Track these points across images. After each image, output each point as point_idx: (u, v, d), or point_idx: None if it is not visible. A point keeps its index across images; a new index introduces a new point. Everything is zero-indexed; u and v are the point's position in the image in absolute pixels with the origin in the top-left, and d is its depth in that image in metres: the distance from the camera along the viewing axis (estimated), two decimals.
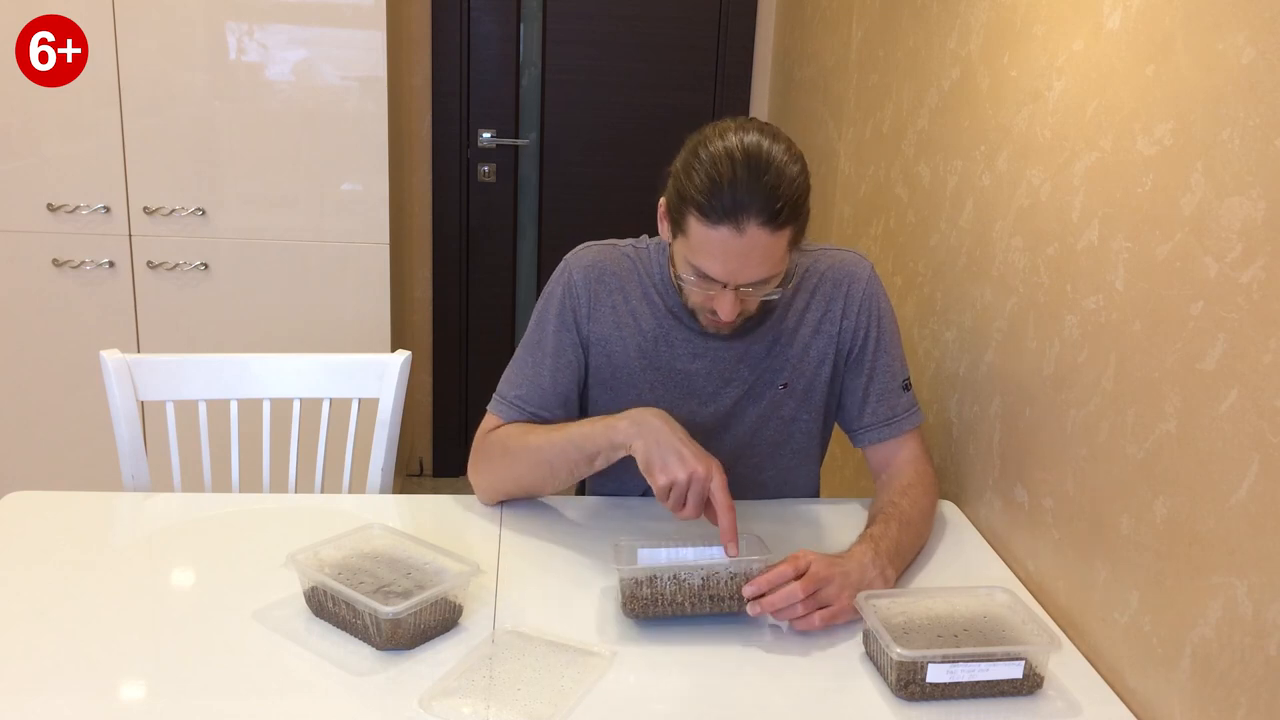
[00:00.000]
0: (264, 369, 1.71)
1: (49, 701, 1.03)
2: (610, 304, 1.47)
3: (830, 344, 1.48)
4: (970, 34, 1.65)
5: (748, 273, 1.27)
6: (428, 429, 3.40)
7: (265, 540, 1.39)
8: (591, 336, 1.47)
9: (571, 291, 1.46)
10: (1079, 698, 1.12)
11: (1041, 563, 1.36)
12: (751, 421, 1.50)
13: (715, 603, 1.19)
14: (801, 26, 2.85)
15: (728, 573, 1.19)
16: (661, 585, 1.18)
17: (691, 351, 1.47)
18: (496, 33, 3.13)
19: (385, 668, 1.10)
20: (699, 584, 1.19)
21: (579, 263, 1.48)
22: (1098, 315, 1.23)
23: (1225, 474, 0.99)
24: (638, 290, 1.47)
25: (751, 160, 1.23)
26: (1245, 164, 0.97)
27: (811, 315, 1.48)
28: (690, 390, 1.48)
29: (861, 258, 1.51)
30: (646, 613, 1.19)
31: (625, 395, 1.48)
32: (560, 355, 1.47)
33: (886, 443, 1.49)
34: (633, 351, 1.47)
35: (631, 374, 1.47)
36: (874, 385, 1.48)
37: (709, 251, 1.26)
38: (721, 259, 1.26)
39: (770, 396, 1.49)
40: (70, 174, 2.52)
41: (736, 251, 1.24)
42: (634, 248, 1.51)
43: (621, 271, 1.48)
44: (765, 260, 1.26)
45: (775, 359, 1.48)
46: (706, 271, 1.28)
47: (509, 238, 3.30)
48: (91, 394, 2.46)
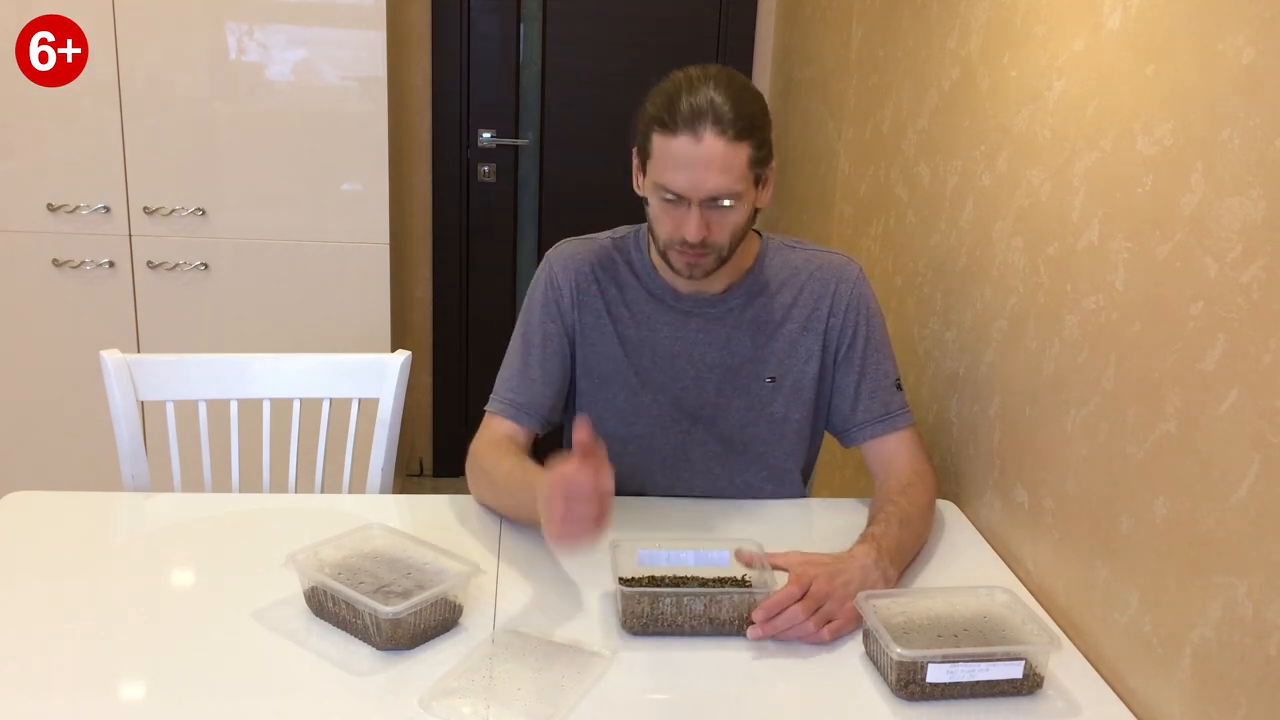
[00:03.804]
0: (264, 369, 1.71)
1: (49, 701, 1.03)
2: (591, 294, 1.49)
3: (817, 340, 1.49)
4: (970, 34, 1.65)
5: (709, 182, 1.30)
6: (428, 429, 3.40)
7: (265, 540, 1.39)
8: (576, 326, 1.49)
9: (553, 284, 1.49)
10: (1079, 698, 1.12)
11: (1041, 563, 1.36)
12: (738, 415, 1.50)
13: (716, 625, 1.18)
14: (801, 26, 2.85)
15: (730, 600, 1.17)
16: (663, 606, 1.17)
17: (673, 335, 1.48)
18: (496, 33, 3.13)
19: (385, 668, 1.10)
20: (700, 609, 1.17)
21: (559, 256, 1.51)
22: (1098, 315, 1.23)
23: (1225, 474, 0.99)
24: (617, 278, 1.50)
25: (708, 76, 1.32)
26: (1245, 164, 0.97)
27: (799, 311, 1.49)
28: (673, 374, 1.49)
29: (850, 260, 1.53)
30: (645, 630, 1.18)
31: (610, 385, 1.50)
32: (547, 345, 1.48)
33: (884, 441, 1.49)
34: (614, 340, 1.49)
35: (615, 363, 1.49)
36: (865, 382, 1.49)
37: (670, 163, 1.31)
38: (684, 168, 1.30)
39: (756, 391, 1.49)
40: (70, 174, 2.52)
41: (697, 160, 1.29)
42: (611, 238, 1.53)
43: (601, 261, 1.50)
44: (725, 171, 1.30)
45: (759, 349, 1.48)
46: (670, 186, 1.31)
47: (509, 238, 3.30)
48: (91, 394, 2.46)
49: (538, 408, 1.48)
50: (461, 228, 3.24)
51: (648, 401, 1.50)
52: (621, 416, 1.51)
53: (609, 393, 1.50)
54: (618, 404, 1.51)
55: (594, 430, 1.46)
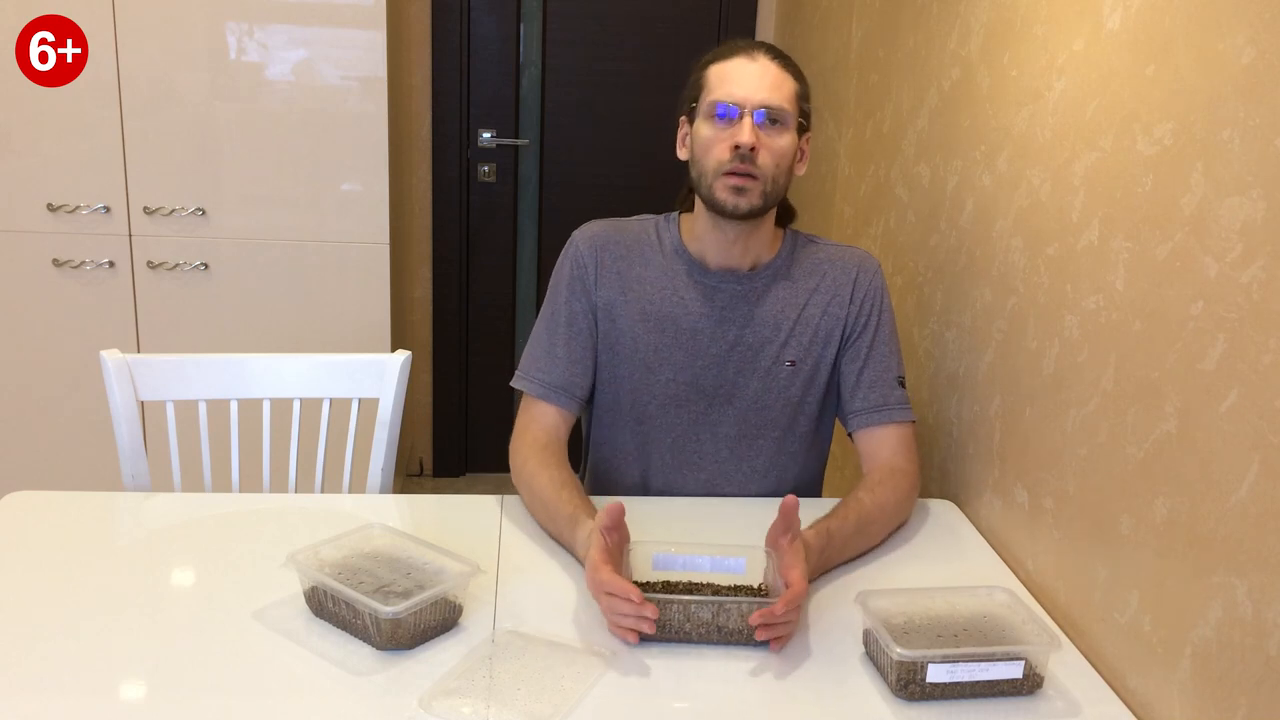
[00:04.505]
0: (264, 369, 1.71)
1: (49, 701, 1.03)
2: (616, 270, 1.52)
3: (837, 326, 1.52)
4: (970, 34, 1.65)
5: (763, 93, 1.39)
6: (428, 429, 3.40)
7: (265, 540, 1.39)
8: (599, 302, 1.51)
9: (579, 261, 1.52)
10: (1079, 698, 1.12)
11: (1041, 563, 1.36)
12: (754, 395, 1.51)
13: (724, 634, 1.17)
14: (801, 26, 2.85)
15: (739, 610, 1.16)
16: (670, 613, 1.16)
17: (700, 310, 1.50)
18: (496, 33, 3.13)
19: (385, 668, 1.10)
20: (709, 617, 1.16)
21: (584, 235, 1.55)
22: (1098, 315, 1.23)
23: (1225, 474, 0.99)
24: (644, 254, 1.53)
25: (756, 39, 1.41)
26: (1245, 164, 0.97)
27: (820, 297, 1.52)
28: (694, 351, 1.51)
29: (870, 255, 1.57)
30: (651, 636, 1.16)
31: (629, 361, 1.52)
32: (573, 324, 1.51)
33: (873, 432, 1.50)
34: (636, 315, 1.51)
35: (636, 339, 1.51)
36: (867, 372, 1.51)
37: (727, 79, 1.41)
38: (739, 81, 1.40)
39: (775, 373, 1.51)
40: (70, 174, 2.52)
41: (752, 73, 1.40)
42: (639, 220, 1.57)
43: (627, 240, 1.54)
44: (777, 88, 1.41)
45: (781, 332, 1.51)
46: (726, 99, 1.40)
47: (509, 238, 3.30)
48: (91, 394, 2.47)
49: (571, 387, 1.51)
50: (461, 228, 3.24)
51: (665, 379, 1.52)
52: (636, 393, 1.53)
53: (627, 368, 1.52)
54: (634, 380, 1.52)
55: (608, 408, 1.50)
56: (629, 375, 1.52)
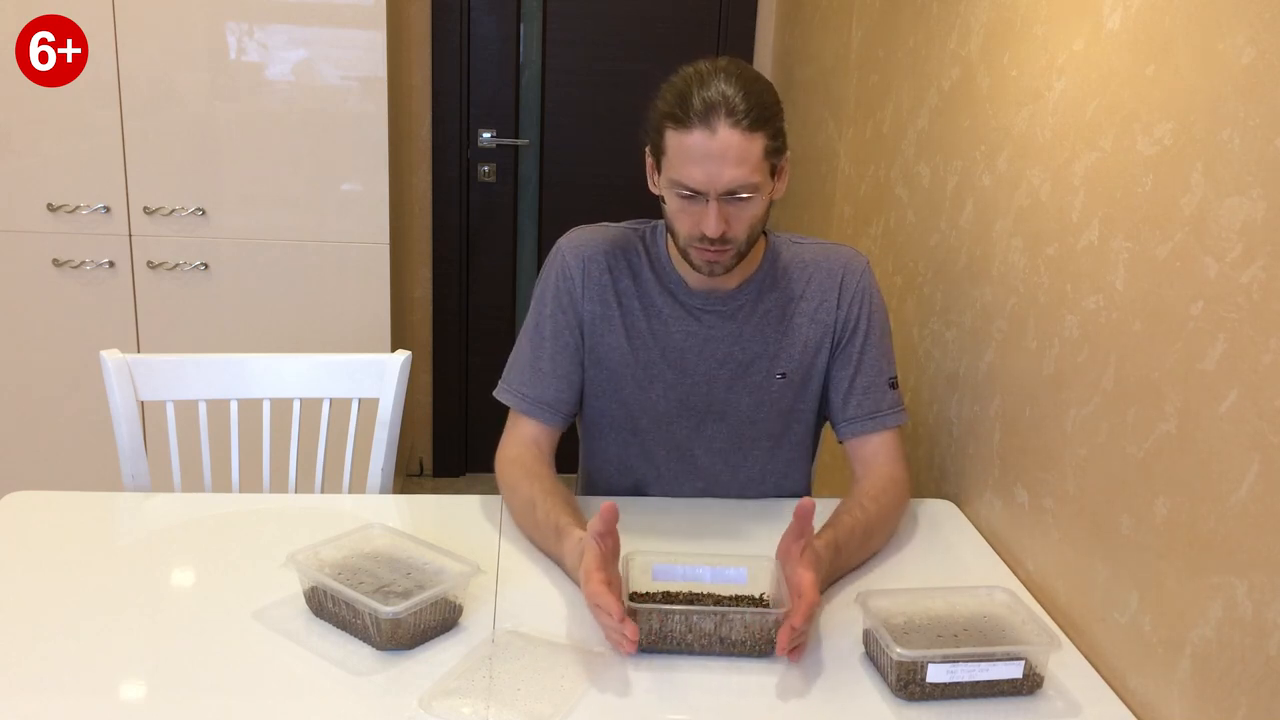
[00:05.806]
0: (264, 369, 1.71)
1: (49, 701, 1.03)
2: (603, 282, 1.48)
3: (826, 332, 1.49)
4: (970, 34, 1.65)
5: (725, 176, 1.29)
6: (428, 429, 3.40)
7: (265, 540, 1.39)
8: (585, 315, 1.48)
9: (565, 273, 1.48)
10: (1079, 698, 1.12)
11: (1041, 563, 1.36)
12: (746, 410, 1.50)
13: (727, 645, 1.16)
14: (801, 26, 2.85)
15: (742, 621, 1.15)
16: (672, 625, 1.15)
17: (685, 329, 1.48)
18: (496, 33, 3.13)
19: (385, 668, 1.10)
20: (711, 628, 1.15)
21: (570, 244, 1.50)
22: (1098, 315, 1.23)
23: (1225, 474, 0.99)
24: (632, 267, 1.49)
25: (718, 69, 1.30)
26: (1245, 164, 0.97)
27: (807, 304, 1.49)
28: (683, 370, 1.49)
29: (857, 252, 1.53)
30: (654, 647, 1.15)
31: (617, 376, 1.49)
32: (558, 338, 1.48)
33: (868, 440, 1.48)
34: (621, 332, 1.48)
35: (623, 355, 1.48)
36: (859, 379, 1.49)
37: (686, 158, 1.29)
38: (699, 162, 1.29)
39: (767, 387, 1.49)
40: (70, 174, 2.52)
41: (712, 153, 1.28)
42: (630, 228, 1.52)
43: (613, 250, 1.49)
44: (741, 163, 1.28)
45: (770, 345, 1.48)
46: (687, 182, 1.30)
47: (509, 238, 3.30)
48: (91, 394, 2.46)
49: (557, 404, 1.48)
50: (461, 228, 3.24)
51: (655, 396, 1.50)
52: (627, 408, 1.51)
53: (616, 384, 1.50)
54: (624, 395, 1.50)
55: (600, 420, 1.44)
56: (618, 390, 1.50)
